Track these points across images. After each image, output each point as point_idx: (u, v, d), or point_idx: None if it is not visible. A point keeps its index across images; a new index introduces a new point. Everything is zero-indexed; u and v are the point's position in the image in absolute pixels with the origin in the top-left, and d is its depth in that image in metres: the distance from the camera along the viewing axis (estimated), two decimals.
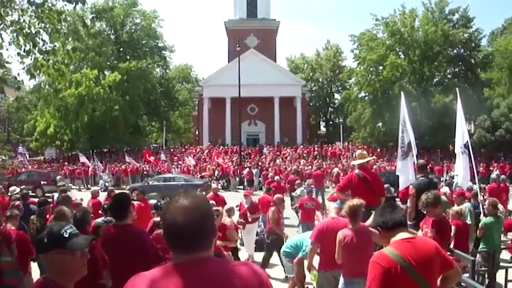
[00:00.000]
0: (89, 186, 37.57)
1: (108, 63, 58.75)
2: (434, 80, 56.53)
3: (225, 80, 55.82)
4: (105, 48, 53.70)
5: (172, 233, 2.32)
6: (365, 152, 9.71)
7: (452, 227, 8.00)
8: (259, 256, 12.40)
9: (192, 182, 31.33)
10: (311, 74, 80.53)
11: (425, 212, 7.22)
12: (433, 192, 7.04)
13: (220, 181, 37.08)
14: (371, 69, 55.96)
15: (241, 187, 36.16)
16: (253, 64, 56.65)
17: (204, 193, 27.06)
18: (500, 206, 9.78)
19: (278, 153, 52.37)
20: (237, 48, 45.50)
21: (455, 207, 9.64)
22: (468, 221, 10.27)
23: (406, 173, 11.92)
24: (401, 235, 3.82)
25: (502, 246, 10.30)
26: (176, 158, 49.47)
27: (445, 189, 15.60)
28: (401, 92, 15.83)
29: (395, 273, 3.56)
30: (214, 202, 10.74)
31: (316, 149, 54.55)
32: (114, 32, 62.49)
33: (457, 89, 17.23)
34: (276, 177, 24.93)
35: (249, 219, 12.99)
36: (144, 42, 64.17)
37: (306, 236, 9.02)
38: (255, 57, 59.61)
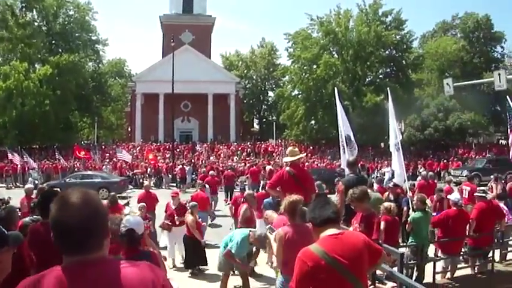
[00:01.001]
0: (17, 184, 36.57)
1: (39, 55, 56.76)
2: (367, 79, 57.53)
3: (158, 75, 55.53)
4: (35, 39, 51.96)
5: (59, 232, 2.14)
6: (296, 149, 9.70)
7: (382, 222, 8.11)
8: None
9: (110, 180, 30.85)
10: (245, 71, 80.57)
11: (352, 207, 7.30)
12: (359, 187, 7.11)
13: (153, 178, 36.74)
14: (305, 67, 56.53)
15: (174, 184, 35.88)
16: (188, 60, 56.53)
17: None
18: (428, 202, 10.01)
19: (212, 150, 52.26)
20: (172, 43, 45.05)
21: (385, 203, 9.78)
22: None
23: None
24: (330, 231, 3.79)
25: (430, 240, 10.54)
26: (108, 154, 48.56)
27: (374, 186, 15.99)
28: (335, 88, 15.93)
29: (319, 268, 3.54)
30: (143, 218, 10.24)
31: (249, 146, 54.74)
32: (46, 23, 60.29)
33: (388, 88, 17.48)
34: (211, 172, 25.21)
35: (177, 222, 12.46)
36: (77, 35, 62.37)
37: (236, 231, 9.04)
38: (189, 53, 59.49)
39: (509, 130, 19.30)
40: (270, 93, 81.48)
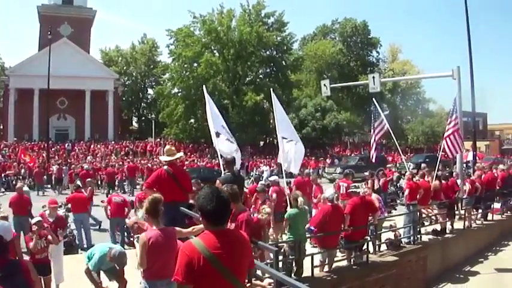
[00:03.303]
0: None
1: None
2: (247, 79, 58.35)
3: (34, 70, 53.22)
4: None
5: None
6: (173, 148, 9.69)
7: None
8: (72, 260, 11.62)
9: None
10: (125, 67, 79.02)
11: None
12: (228, 188, 7.05)
13: (26, 180, 35.09)
14: (186, 65, 56.52)
15: (49, 186, 34.48)
16: (65, 54, 54.91)
17: None
18: (300, 199, 10.21)
19: (88, 149, 51.02)
20: (49, 36, 43.45)
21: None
22: None
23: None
24: (215, 227, 3.74)
25: (306, 236, 10.77)
26: None
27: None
28: (203, 86, 15.95)
29: (198, 263, 3.53)
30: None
31: (128, 145, 53.90)
32: None
33: (271, 89, 17.80)
34: (86, 166, 25.23)
35: (60, 238, 10.22)
36: None
37: (97, 246, 8.78)
38: (67, 47, 57.70)
39: (372, 131, 20.36)
40: (150, 91, 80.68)
